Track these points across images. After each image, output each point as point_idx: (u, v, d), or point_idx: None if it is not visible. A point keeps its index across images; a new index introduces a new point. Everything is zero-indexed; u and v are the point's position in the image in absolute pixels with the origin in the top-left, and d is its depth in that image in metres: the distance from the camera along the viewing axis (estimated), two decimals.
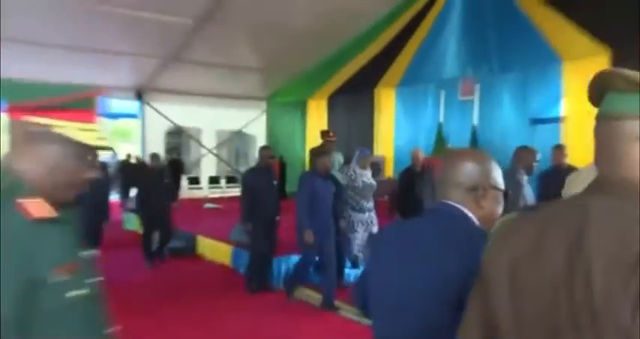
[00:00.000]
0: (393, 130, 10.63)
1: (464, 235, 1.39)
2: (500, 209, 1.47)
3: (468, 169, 1.43)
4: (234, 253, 6.79)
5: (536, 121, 8.29)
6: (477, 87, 9.07)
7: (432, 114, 9.90)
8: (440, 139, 9.26)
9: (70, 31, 8.67)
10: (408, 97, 10.34)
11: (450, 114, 9.56)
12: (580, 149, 5.47)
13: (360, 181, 5.86)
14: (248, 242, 5.89)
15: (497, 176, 1.46)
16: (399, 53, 10.03)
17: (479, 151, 1.79)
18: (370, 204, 5.94)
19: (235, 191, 12.28)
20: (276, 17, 9.09)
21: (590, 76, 1.01)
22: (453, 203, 1.44)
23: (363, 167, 6.01)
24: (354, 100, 11.23)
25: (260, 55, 11.07)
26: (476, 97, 9.08)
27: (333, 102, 12.04)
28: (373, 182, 6.05)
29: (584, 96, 1.11)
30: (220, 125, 14.14)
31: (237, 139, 15.62)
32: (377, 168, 8.93)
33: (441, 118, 9.49)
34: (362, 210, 5.83)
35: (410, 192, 6.10)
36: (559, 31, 7.58)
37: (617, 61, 7.01)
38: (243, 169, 13.57)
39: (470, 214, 1.43)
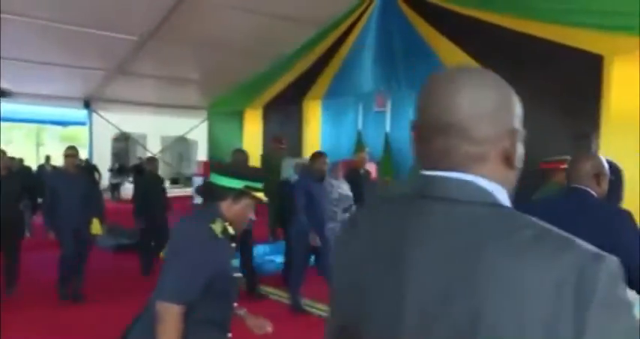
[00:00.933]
0: (320, 138, 11.42)
1: None
2: None
3: None
4: None
5: None
6: (389, 101, 10.25)
7: (352, 123, 10.86)
8: (359, 146, 10.34)
9: (23, 45, 8.76)
10: (332, 108, 11.16)
11: (368, 123, 10.46)
12: None
13: (337, 192, 5.75)
14: None
15: None
16: (324, 69, 10.70)
17: None
18: (345, 215, 5.67)
19: (178, 192, 12.84)
20: (215, 34, 9.54)
21: None
22: None
23: (336, 178, 5.90)
24: (285, 111, 11.77)
25: (200, 68, 11.41)
26: (388, 109, 10.17)
27: (267, 112, 12.51)
28: (349, 193, 5.91)
29: None
30: (165, 131, 14.51)
31: (180, 144, 16.05)
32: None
33: (360, 127, 10.61)
34: (337, 221, 5.61)
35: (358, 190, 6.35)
36: (454, 59, 8.75)
37: None
38: (186, 171, 14.09)
39: None
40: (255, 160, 8.99)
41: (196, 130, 14.40)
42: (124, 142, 14.66)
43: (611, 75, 6.85)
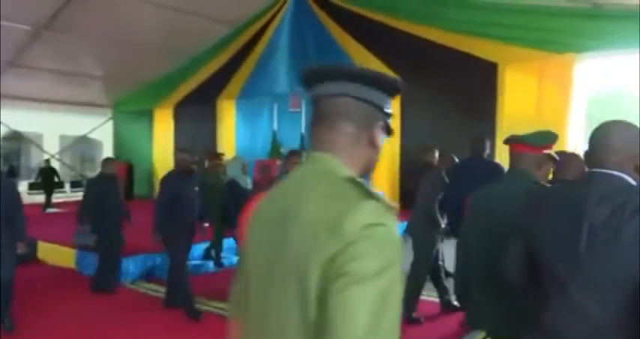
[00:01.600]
0: (234, 138, 11.28)
1: None
2: None
3: None
4: (78, 256, 6.25)
5: None
6: (303, 101, 10.34)
7: (267, 123, 10.82)
8: (275, 145, 10.33)
9: None
10: (246, 108, 11.06)
11: (283, 123, 10.54)
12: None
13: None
14: (94, 244, 5.36)
15: None
16: (238, 68, 10.55)
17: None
18: None
19: (80, 196, 11.92)
20: (120, 27, 8.97)
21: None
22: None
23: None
24: (198, 111, 11.44)
25: (103, 63, 10.68)
26: (303, 110, 10.32)
27: (179, 111, 12.10)
28: None
29: None
30: (64, 130, 13.45)
31: (82, 145, 14.94)
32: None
33: (275, 127, 10.62)
34: None
35: None
36: (365, 61, 8.89)
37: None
38: (89, 173, 13.13)
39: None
40: (168, 161, 8.59)
41: (100, 129, 13.49)
42: (15, 142, 13.29)
43: (505, 81, 7.55)
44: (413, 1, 7.69)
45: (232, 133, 11.32)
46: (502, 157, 7.36)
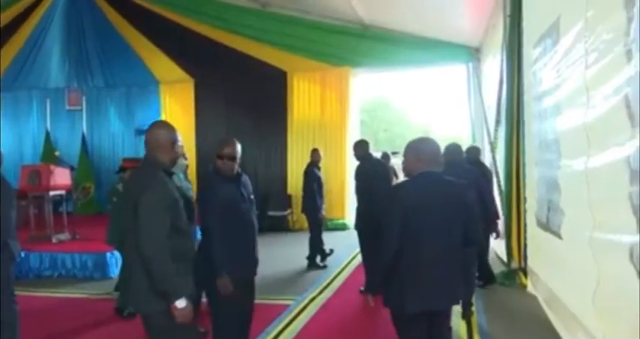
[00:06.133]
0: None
1: None
2: None
3: None
4: None
5: (141, 132, 9.05)
6: (84, 99, 9.23)
7: (38, 122, 9.36)
8: (48, 147, 8.86)
9: None
10: (10, 103, 9.37)
11: (59, 122, 9.21)
12: None
13: None
14: None
15: None
16: None
17: None
18: None
19: None
20: None
21: (182, 97, 1.45)
22: None
23: None
24: None
25: None
26: (83, 108, 9.22)
27: None
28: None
29: (178, 112, 1.50)
30: None
31: None
32: None
33: (49, 126, 9.18)
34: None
35: None
36: (157, 60, 8.52)
37: (198, 87, 8.63)
38: None
39: None
40: None
41: None
42: None
43: (293, 87, 8.18)
44: (210, 5, 7.60)
45: None
46: (292, 151, 7.98)
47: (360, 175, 4.19)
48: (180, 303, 1.73)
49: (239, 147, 2.34)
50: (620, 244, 1.85)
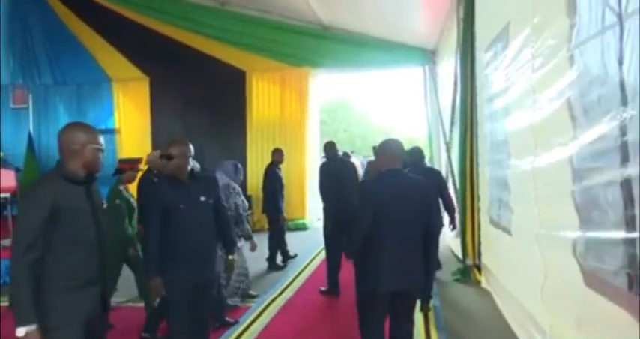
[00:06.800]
0: None
1: None
2: None
3: None
4: None
5: None
6: (30, 96, 8.81)
7: None
8: None
9: None
10: None
11: (3, 121, 8.75)
12: (133, 155, 6.19)
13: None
14: None
15: None
16: None
17: None
18: None
19: None
20: None
21: (136, 96, 1.36)
22: None
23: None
24: None
25: None
26: (30, 106, 8.79)
27: None
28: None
29: (132, 112, 1.46)
30: None
31: None
32: None
33: None
34: None
35: None
36: (110, 58, 8.24)
37: (154, 85, 8.43)
38: None
39: None
40: None
41: None
42: None
43: (252, 87, 8.12)
44: (168, 2, 7.44)
45: None
46: (252, 151, 7.93)
47: (325, 173, 4.23)
48: (20, 331, 1.50)
49: (185, 147, 2.32)
50: (564, 239, 1.96)
